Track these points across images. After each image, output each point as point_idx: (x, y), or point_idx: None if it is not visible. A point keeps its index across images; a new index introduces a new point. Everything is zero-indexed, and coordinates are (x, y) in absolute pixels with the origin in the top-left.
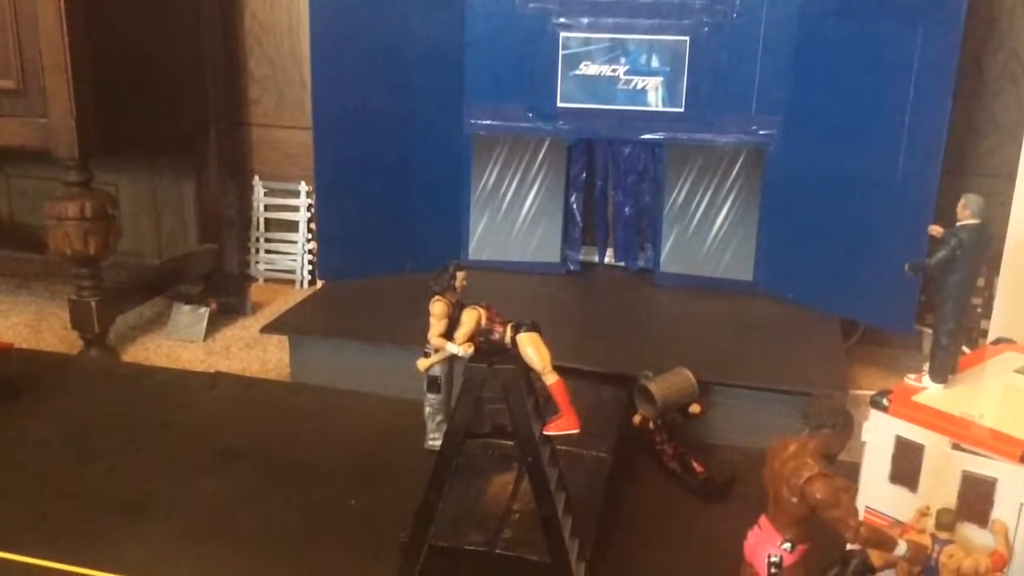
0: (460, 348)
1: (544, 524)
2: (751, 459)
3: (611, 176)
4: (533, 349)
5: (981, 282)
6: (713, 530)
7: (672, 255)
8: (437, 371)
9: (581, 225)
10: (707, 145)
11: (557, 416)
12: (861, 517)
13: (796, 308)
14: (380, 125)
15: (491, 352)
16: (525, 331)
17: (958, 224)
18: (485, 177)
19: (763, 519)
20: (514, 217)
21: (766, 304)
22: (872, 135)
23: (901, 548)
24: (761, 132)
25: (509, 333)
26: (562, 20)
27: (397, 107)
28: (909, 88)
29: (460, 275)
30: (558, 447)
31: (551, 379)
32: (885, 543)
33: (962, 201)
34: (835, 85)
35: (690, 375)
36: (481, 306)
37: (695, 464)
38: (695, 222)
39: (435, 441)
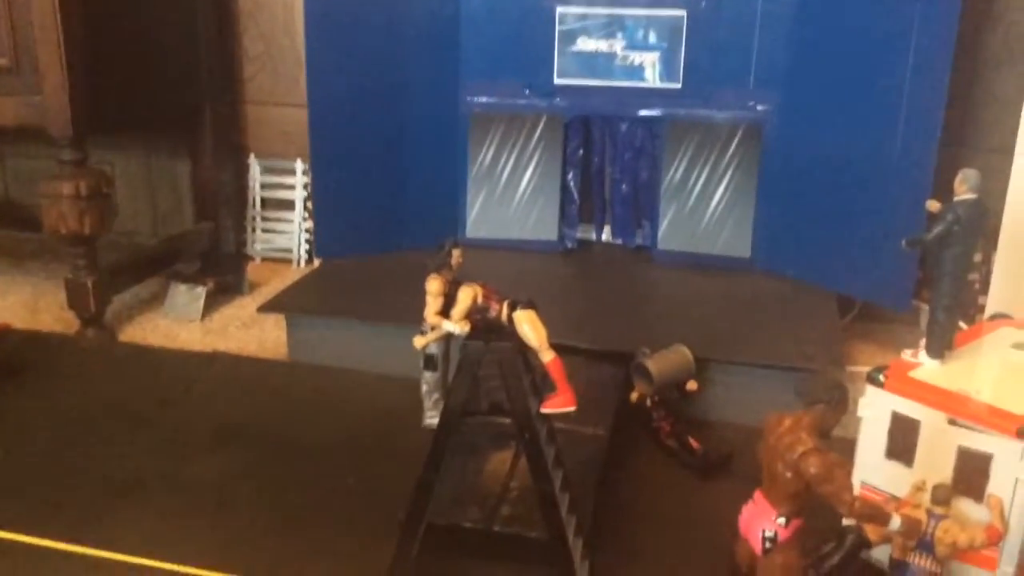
0: (456, 326)
1: (542, 501)
2: (748, 435)
3: (608, 153)
4: (529, 326)
5: (979, 257)
6: (710, 506)
7: (670, 232)
8: (434, 349)
9: (578, 202)
10: (705, 121)
11: (554, 394)
12: (856, 492)
13: (793, 284)
14: (376, 102)
15: (488, 330)
16: (521, 308)
17: (955, 199)
18: (482, 154)
19: (758, 494)
20: (511, 194)
21: (763, 281)
22: (870, 110)
23: (895, 523)
24: (759, 108)
25: (506, 311)
26: None
27: (393, 84)
28: (908, 62)
29: (456, 252)
30: (555, 424)
31: (548, 356)
32: (879, 518)
33: (959, 176)
34: (833, 60)
35: (687, 352)
36: (478, 284)
37: (692, 441)
38: (692, 199)
39: (432, 419)
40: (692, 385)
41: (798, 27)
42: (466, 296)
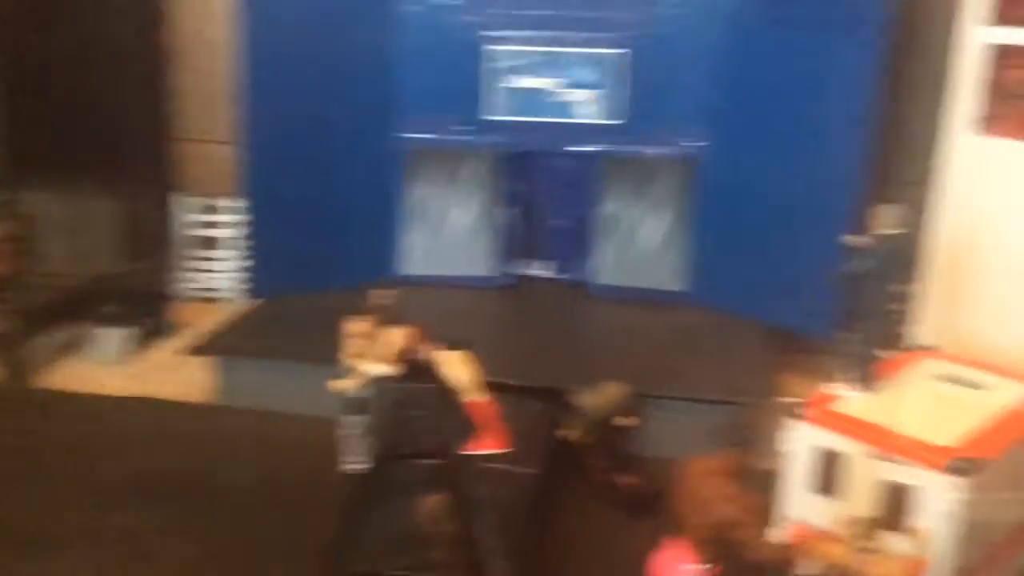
0: (381, 368)
1: (469, 545)
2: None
3: (545, 188)
4: (460, 368)
5: (904, 288)
6: (641, 546)
7: (606, 267)
8: (360, 392)
9: (515, 238)
10: (640, 157)
11: (483, 435)
12: (780, 525)
13: (728, 317)
14: (310, 139)
15: (417, 371)
16: (452, 350)
17: (875, 233)
18: (419, 190)
19: (675, 540)
20: (448, 231)
21: (699, 314)
22: (798, 145)
23: (812, 564)
24: (693, 144)
25: (436, 352)
26: (495, 33)
27: (328, 121)
28: (834, 98)
29: (385, 293)
30: (486, 465)
31: (478, 398)
32: (793, 560)
33: (879, 211)
34: (763, 96)
35: (622, 388)
36: (407, 324)
37: (625, 478)
38: (629, 234)
39: (355, 463)
40: (628, 421)
41: (729, 65)
42: (395, 338)
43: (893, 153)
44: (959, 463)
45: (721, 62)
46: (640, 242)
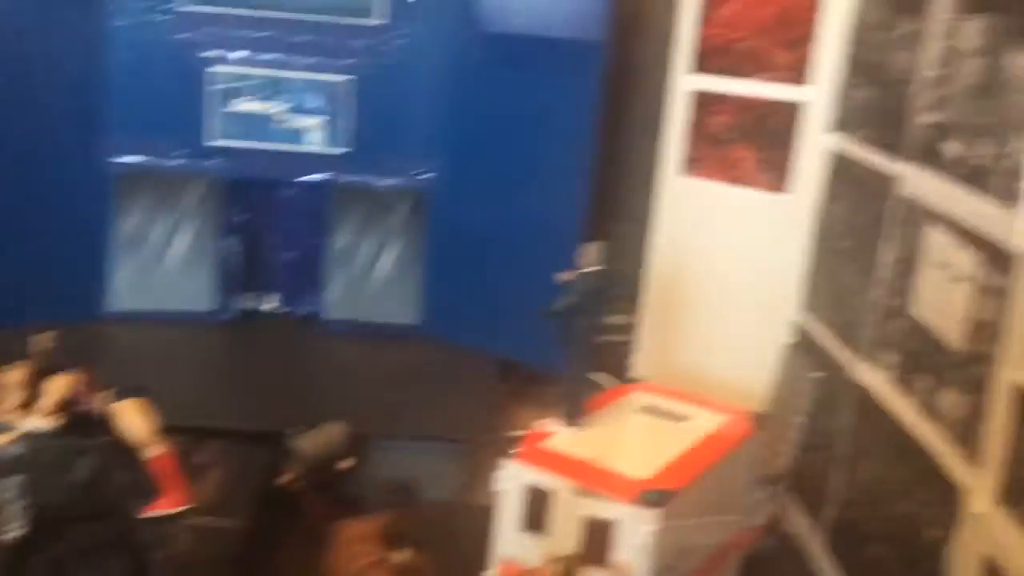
0: (42, 422)
1: None
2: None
3: (272, 219)
4: (134, 419)
5: (605, 324)
6: None
7: (337, 300)
8: (14, 449)
9: (240, 270)
10: (371, 188)
11: (166, 492)
12: (494, 567)
13: (459, 351)
14: (6, 165)
15: (84, 424)
16: (125, 398)
17: (581, 271)
18: (130, 219)
19: None
20: (163, 262)
21: (430, 348)
22: (524, 180)
23: None
24: (424, 176)
25: (106, 401)
26: (213, 54)
27: (26, 145)
28: (556, 136)
29: (43, 336)
30: (189, 520)
31: (155, 451)
32: None
33: (584, 250)
34: (490, 132)
35: (341, 429)
36: (73, 372)
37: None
38: (360, 266)
39: (11, 532)
40: (347, 463)
41: (456, 100)
42: (57, 387)
43: (616, 191)
44: (649, 495)
45: (448, 97)
46: (371, 275)
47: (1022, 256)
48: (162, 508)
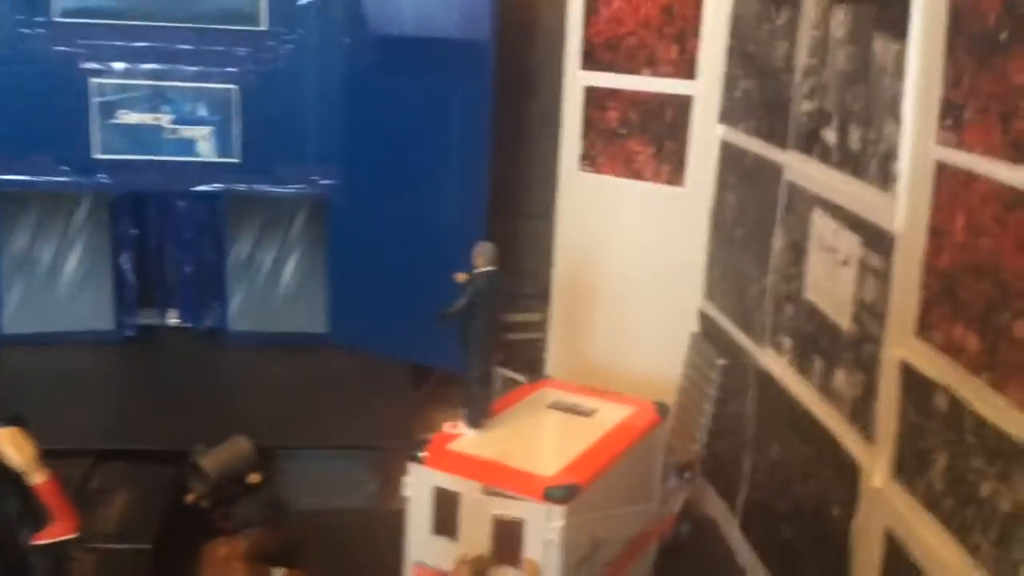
0: None
1: None
2: (322, 522)
3: (167, 232)
4: (12, 446)
5: (536, 317)
6: None
7: (241, 312)
8: None
9: (136, 286)
10: (267, 197)
11: (54, 520)
12: (408, 573)
13: (369, 358)
14: None
15: None
16: (1, 426)
17: (475, 272)
18: (16, 238)
19: None
20: (56, 282)
21: (340, 357)
22: (423, 182)
23: None
24: (321, 182)
25: None
26: (92, 65)
27: None
28: (452, 137)
29: None
30: (91, 545)
31: (37, 479)
32: None
33: (476, 249)
34: (386, 136)
35: (246, 443)
36: None
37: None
38: (263, 276)
39: None
40: (254, 478)
41: (351, 104)
42: None
43: (518, 189)
44: (555, 490)
45: (340, 101)
46: (275, 285)
47: (899, 237)
48: (51, 536)
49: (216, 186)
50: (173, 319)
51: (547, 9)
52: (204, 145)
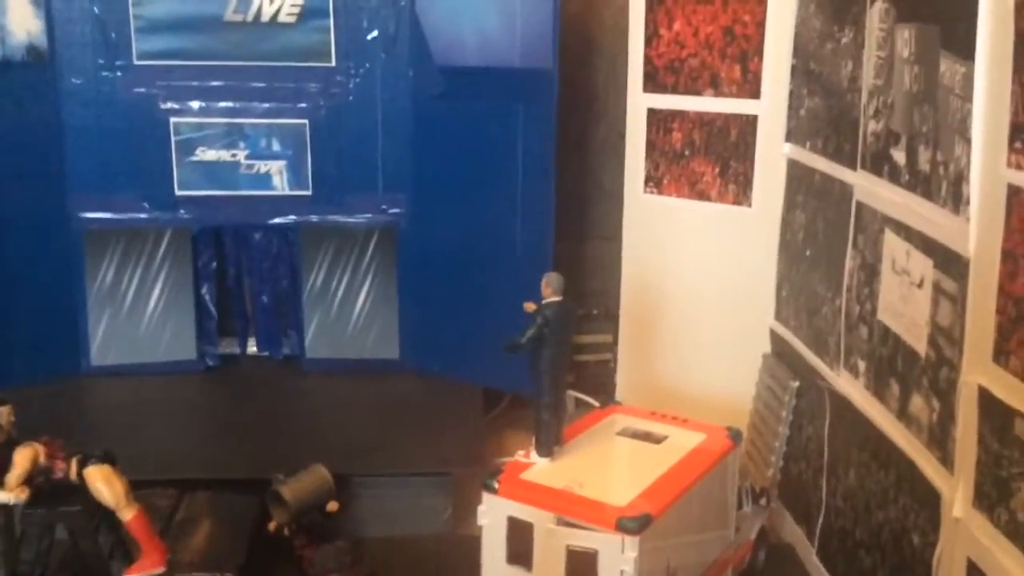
0: (12, 495)
1: None
2: (396, 549)
3: (244, 263)
4: (104, 483)
5: (608, 339)
6: None
7: (317, 339)
8: None
9: (216, 317)
10: (339, 227)
11: (144, 555)
12: None
13: (441, 383)
14: None
15: (55, 492)
16: (93, 464)
17: (543, 301)
18: (102, 275)
19: None
20: (140, 315)
21: (413, 382)
22: (490, 208)
23: None
24: (390, 211)
25: (75, 468)
26: (171, 105)
27: None
28: (517, 163)
29: (4, 410)
30: (178, 574)
31: (128, 515)
32: None
33: (544, 280)
34: (452, 163)
35: (325, 472)
36: (39, 441)
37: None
38: (337, 304)
39: None
40: (332, 506)
41: (418, 133)
42: (23, 458)
43: (584, 212)
44: (628, 521)
45: (406, 132)
46: (348, 312)
47: (972, 261)
48: (142, 570)
49: (290, 218)
50: (252, 348)
51: (609, 33)
52: (278, 179)
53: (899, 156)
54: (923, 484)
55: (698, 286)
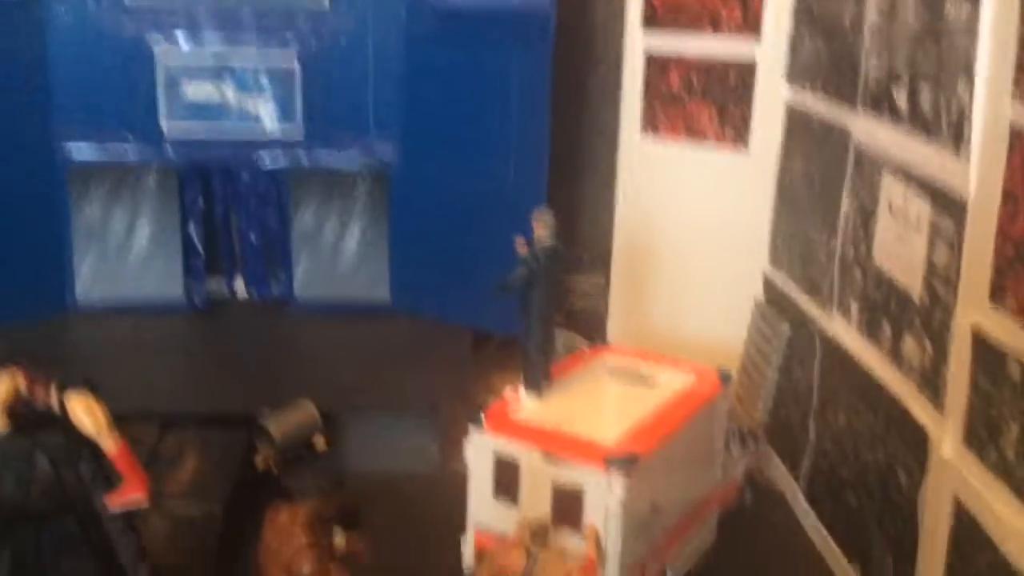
0: None
1: None
2: (383, 485)
3: (232, 202)
4: (85, 412)
5: (600, 282)
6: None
7: (306, 281)
8: None
9: (204, 256)
10: (328, 168)
11: (126, 484)
12: (469, 536)
13: (431, 324)
14: None
15: (36, 421)
16: (75, 392)
17: (534, 240)
18: (87, 211)
19: None
20: (126, 252)
21: (402, 323)
22: (482, 152)
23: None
24: (381, 154)
25: (55, 397)
26: (158, 36)
27: None
28: (511, 106)
29: None
30: (165, 507)
31: (109, 444)
32: None
33: (536, 216)
34: (444, 106)
35: (312, 407)
36: (17, 369)
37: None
38: (326, 245)
39: None
40: (320, 441)
41: (410, 75)
42: (2, 387)
43: (580, 156)
44: (617, 460)
45: (399, 76)
46: (338, 253)
47: (972, 202)
48: (123, 498)
49: (279, 159)
50: (240, 288)
51: None
52: (266, 118)
53: (900, 97)
54: (912, 425)
55: (692, 231)
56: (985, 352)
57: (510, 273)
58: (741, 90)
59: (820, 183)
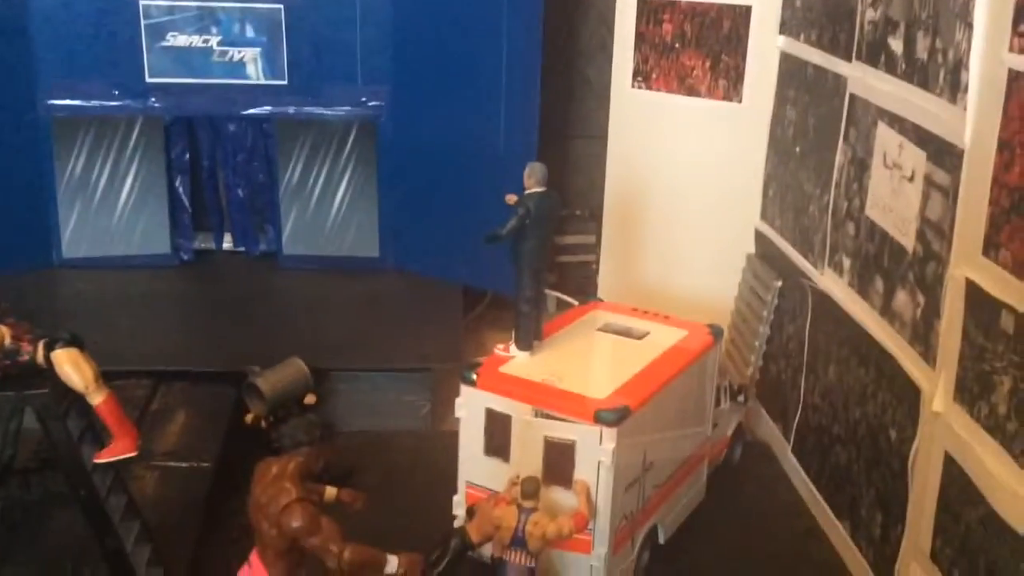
0: None
1: (109, 560)
2: (375, 442)
3: (218, 156)
4: (71, 367)
5: (591, 239)
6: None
7: (294, 236)
8: None
9: (191, 211)
10: (316, 119)
11: (115, 439)
12: (460, 493)
13: (421, 281)
14: None
15: (23, 376)
16: (61, 347)
17: (525, 192)
18: (71, 164)
19: (254, 554)
20: (112, 206)
21: (392, 279)
22: (473, 104)
23: (392, 564)
24: (370, 104)
25: (41, 351)
26: None
27: None
28: (501, 57)
29: None
30: (155, 463)
31: (97, 398)
32: (372, 562)
33: (527, 170)
34: (434, 58)
35: (302, 365)
36: (3, 323)
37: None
38: (314, 200)
39: None
40: (310, 398)
41: (400, 25)
42: None
43: (570, 108)
44: (606, 413)
45: (387, 22)
46: (327, 208)
47: (967, 151)
48: (112, 454)
49: (265, 109)
50: (228, 244)
51: None
52: (252, 67)
53: (896, 45)
54: (903, 379)
55: (684, 185)
56: (978, 305)
57: (501, 224)
58: (735, 39)
59: (814, 135)
